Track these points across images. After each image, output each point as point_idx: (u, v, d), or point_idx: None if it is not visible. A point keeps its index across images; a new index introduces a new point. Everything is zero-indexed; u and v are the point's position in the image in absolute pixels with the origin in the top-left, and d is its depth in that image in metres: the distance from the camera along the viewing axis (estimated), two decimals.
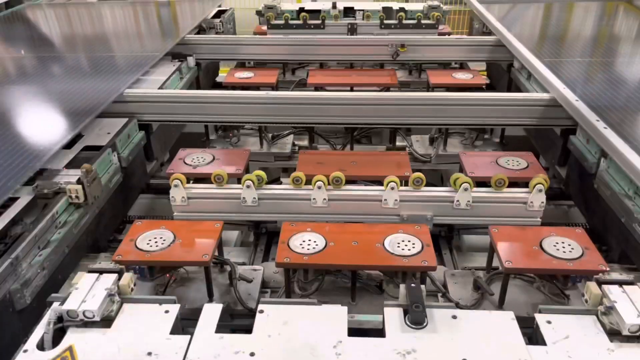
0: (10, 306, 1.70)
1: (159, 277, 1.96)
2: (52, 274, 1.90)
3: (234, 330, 1.80)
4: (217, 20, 4.49)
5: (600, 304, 1.54)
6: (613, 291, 1.54)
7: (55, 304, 1.52)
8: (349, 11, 4.62)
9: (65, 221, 2.03)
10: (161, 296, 1.81)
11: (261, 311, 1.55)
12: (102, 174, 2.29)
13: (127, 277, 1.63)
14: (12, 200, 2.03)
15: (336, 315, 1.54)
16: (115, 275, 1.61)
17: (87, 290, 1.54)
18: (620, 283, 1.58)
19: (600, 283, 1.59)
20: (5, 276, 1.68)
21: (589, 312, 1.55)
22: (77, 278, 1.61)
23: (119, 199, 2.49)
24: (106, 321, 1.52)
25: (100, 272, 1.63)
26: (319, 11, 4.54)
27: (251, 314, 1.69)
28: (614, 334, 1.48)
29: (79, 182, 2.07)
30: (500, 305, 1.89)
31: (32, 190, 2.06)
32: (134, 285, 1.66)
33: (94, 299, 1.51)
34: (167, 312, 1.55)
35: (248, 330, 1.50)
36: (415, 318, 1.48)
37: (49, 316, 1.48)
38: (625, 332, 1.44)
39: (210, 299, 1.93)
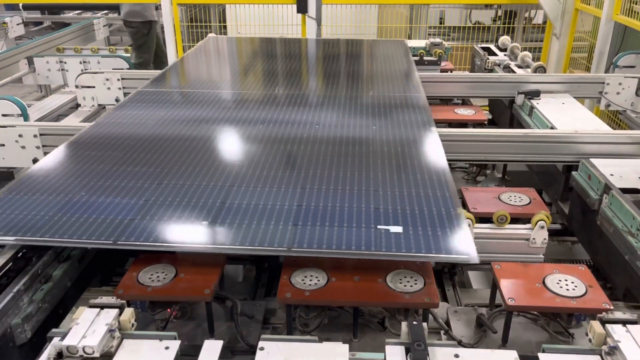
0: (11, 341, 1.69)
1: (160, 311, 1.95)
2: (53, 308, 1.89)
3: None
4: None
5: (604, 344, 1.52)
6: (617, 331, 1.52)
7: (55, 340, 1.51)
8: None
9: (68, 255, 2.03)
10: (161, 332, 1.79)
11: (262, 348, 1.54)
12: None
13: (128, 312, 1.62)
14: None
15: (337, 353, 1.52)
16: (116, 311, 1.60)
17: (87, 326, 1.53)
18: (624, 322, 1.56)
19: (604, 322, 1.57)
20: (6, 310, 1.68)
21: (593, 352, 1.53)
22: (78, 313, 1.60)
23: None
24: (106, 357, 1.51)
25: (102, 307, 1.63)
26: None
27: (252, 350, 1.68)
28: None
29: None
30: (504, 343, 1.87)
31: None
32: (135, 320, 1.65)
33: (95, 335, 1.50)
34: (167, 348, 1.53)
35: None
36: (417, 357, 1.47)
37: (48, 352, 1.47)
38: None
39: (211, 334, 1.91)
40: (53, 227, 1.89)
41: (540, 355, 1.53)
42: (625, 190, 2.31)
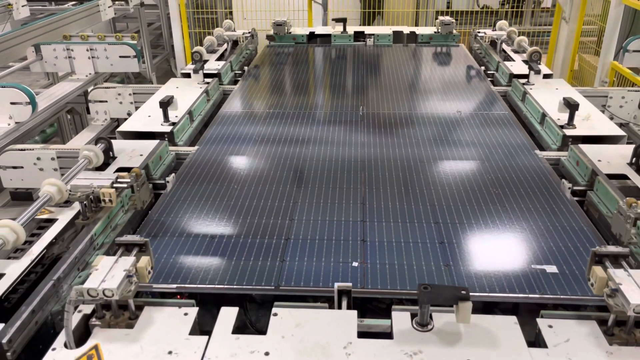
0: (52, 328, 1.71)
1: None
2: None
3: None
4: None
5: (606, 287, 1.56)
6: (618, 274, 1.56)
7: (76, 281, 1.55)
8: (359, 35, 4.68)
9: (102, 242, 2.06)
10: (180, 299, 1.83)
11: (275, 314, 1.63)
12: None
13: (145, 260, 1.65)
14: (50, 222, 2.08)
15: (346, 318, 1.61)
16: (133, 258, 1.63)
17: (106, 272, 1.57)
18: (617, 255, 1.62)
19: (597, 255, 1.62)
20: (47, 298, 1.70)
21: (589, 317, 1.61)
22: (96, 261, 1.63)
23: None
24: (129, 321, 1.59)
25: (126, 245, 1.68)
26: (329, 35, 4.63)
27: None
28: (614, 338, 1.54)
29: (112, 186, 2.10)
30: None
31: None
32: (151, 268, 1.69)
33: (114, 279, 1.54)
34: (186, 314, 1.63)
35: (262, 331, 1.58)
36: (425, 298, 1.52)
37: (70, 295, 1.51)
38: (630, 313, 1.46)
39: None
40: (209, 273, 1.88)
41: (538, 320, 1.61)
42: (612, 176, 2.32)
